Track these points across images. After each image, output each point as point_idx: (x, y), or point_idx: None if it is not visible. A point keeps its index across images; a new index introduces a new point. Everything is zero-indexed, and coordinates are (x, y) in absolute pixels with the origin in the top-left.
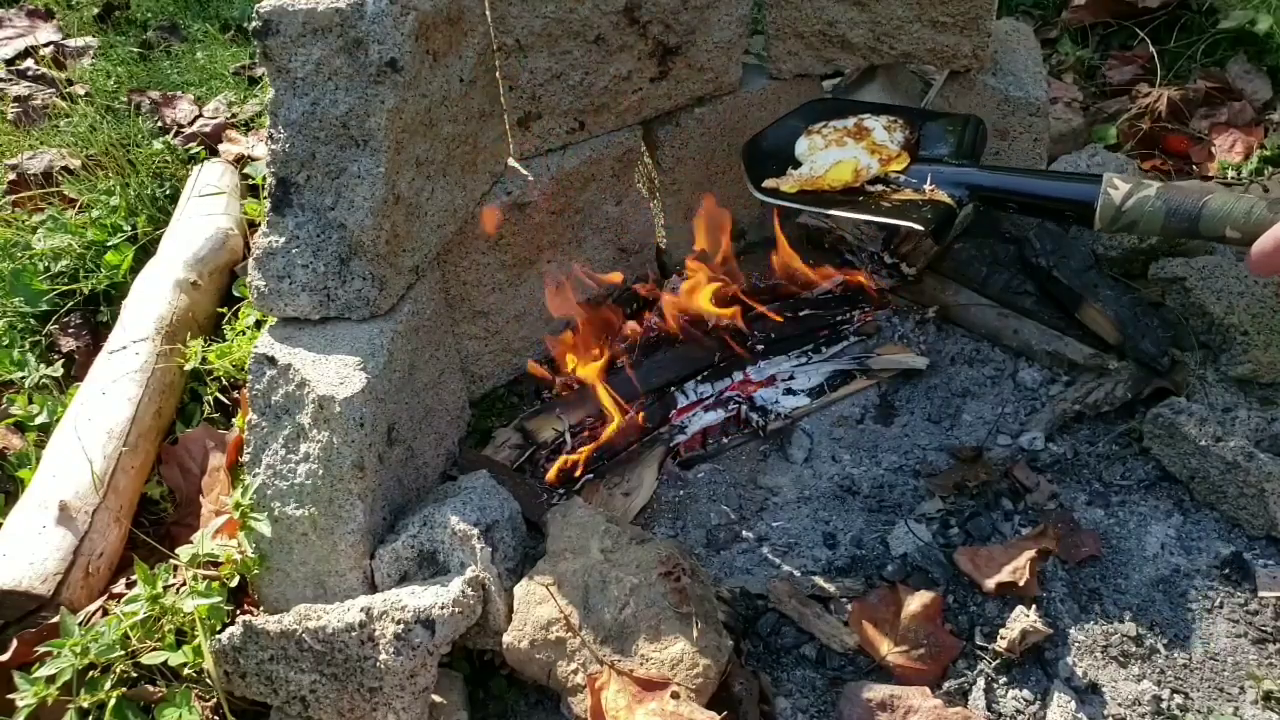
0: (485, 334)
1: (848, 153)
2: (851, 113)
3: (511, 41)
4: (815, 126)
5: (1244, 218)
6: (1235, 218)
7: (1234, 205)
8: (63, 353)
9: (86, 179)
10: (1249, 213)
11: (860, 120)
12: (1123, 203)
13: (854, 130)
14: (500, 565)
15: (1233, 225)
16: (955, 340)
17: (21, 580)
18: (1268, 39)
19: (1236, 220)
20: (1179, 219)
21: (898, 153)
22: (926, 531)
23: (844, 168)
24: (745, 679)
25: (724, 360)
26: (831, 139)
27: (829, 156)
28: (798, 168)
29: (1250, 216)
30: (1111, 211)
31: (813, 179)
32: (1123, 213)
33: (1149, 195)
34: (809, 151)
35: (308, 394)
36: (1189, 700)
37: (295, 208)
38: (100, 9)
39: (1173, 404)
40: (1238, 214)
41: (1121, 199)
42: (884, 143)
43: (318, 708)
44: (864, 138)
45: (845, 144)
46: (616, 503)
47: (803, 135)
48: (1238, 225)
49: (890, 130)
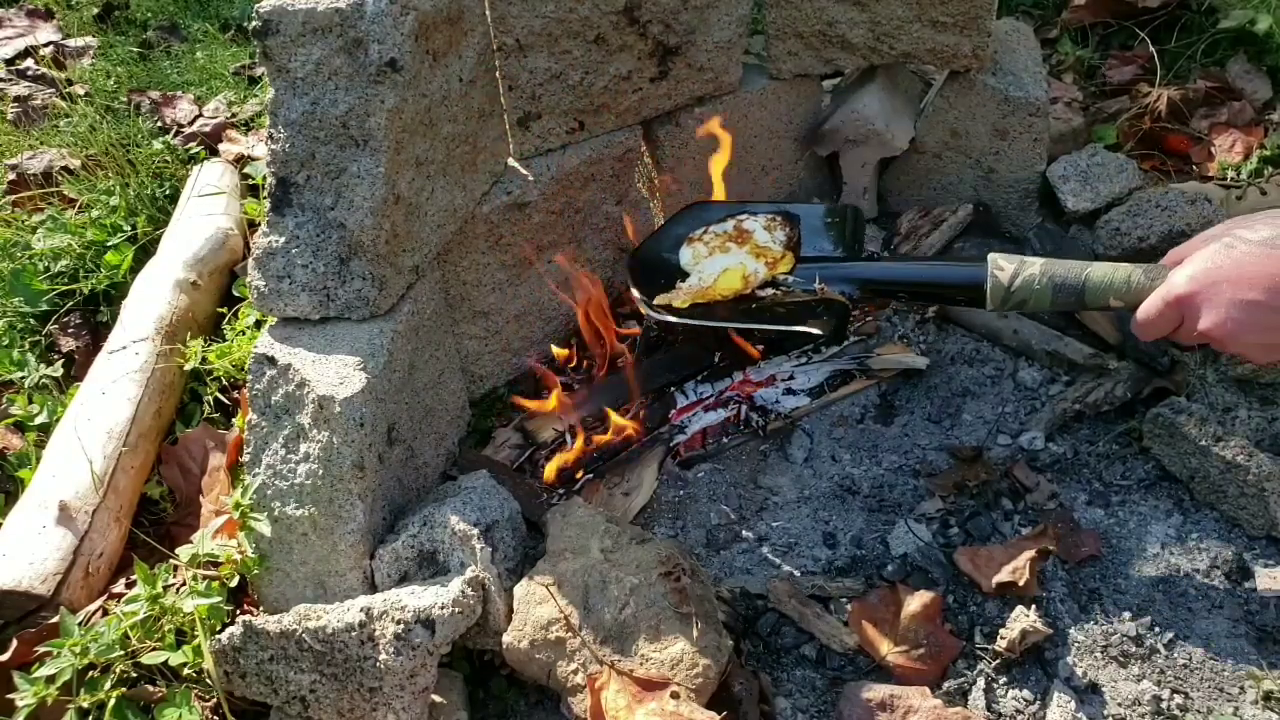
0: (485, 334)
1: (733, 259)
2: (727, 214)
3: (511, 41)
4: (695, 234)
5: (1124, 286)
6: (1116, 288)
7: (1113, 275)
8: (63, 353)
9: (86, 179)
10: (1127, 281)
11: (739, 222)
12: (1010, 283)
13: (735, 234)
14: (500, 565)
15: (1115, 295)
16: (955, 340)
17: (21, 580)
18: (1268, 39)
19: (1118, 290)
20: (1065, 294)
21: (782, 253)
22: (926, 531)
23: (732, 275)
24: (745, 679)
25: (724, 360)
26: (714, 245)
27: (715, 265)
28: (684, 279)
29: (1130, 285)
30: (1001, 292)
31: (703, 290)
32: (1012, 293)
33: (1034, 274)
34: (693, 261)
35: (308, 394)
36: (1189, 700)
37: (295, 208)
38: (100, 9)
39: (1173, 404)
40: (1118, 284)
41: (1009, 279)
42: (767, 244)
43: (318, 708)
44: (746, 241)
45: (729, 249)
46: (616, 503)
47: (685, 245)
48: (1120, 295)
49: (770, 230)
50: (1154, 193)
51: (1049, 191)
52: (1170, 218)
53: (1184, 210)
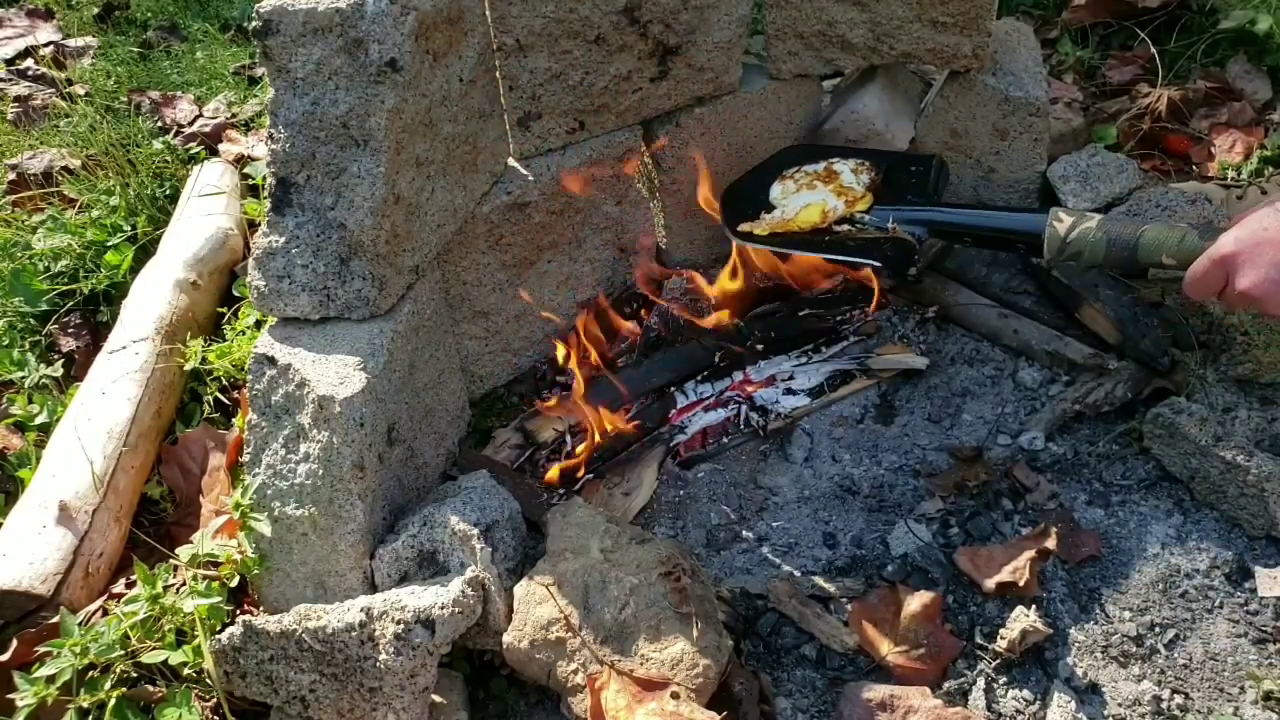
0: (485, 334)
1: (816, 196)
2: (823, 157)
3: (511, 41)
4: (789, 172)
5: (1177, 246)
6: (1169, 246)
7: (1168, 234)
8: (63, 353)
9: (86, 179)
10: (1181, 241)
11: (830, 164)
12: (1067, 234)
13: (824, 174)
14: (500, 565)
15: (1167, 253)
16: (955, 340)
17: (21, 580)
18: (1268, 39)
19: (1170, 248)
20: (1119, 248)
21: (863, 194)
22: (926, 531)
23: (812, 210)
24: (745, 679)
25: (724, 360)
26: (803, 183)
27: (799, 200)
28: (771, 211)
29: (1182, 245)
30: (1058, 242)
31: (784, 222)
32: (1068, 243)
33: (1091, 227)
34: (782, 196)
35: (308, 394)
36: (1189, 700)
37: (295, 208)
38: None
39: (1173, 404)
40: (1171, 242)
41: (1066, 230)
42: (851, 185)
43: (318, 708)
44: (833, 181)
45: (815, 187)
46: (616, 503)
47: (777, 181)
48: (1172, 253)
49: (857, 173)
50: (1154, 193)
51: (1049, 191)
52: (1170, 218)
53: (1184, 210)
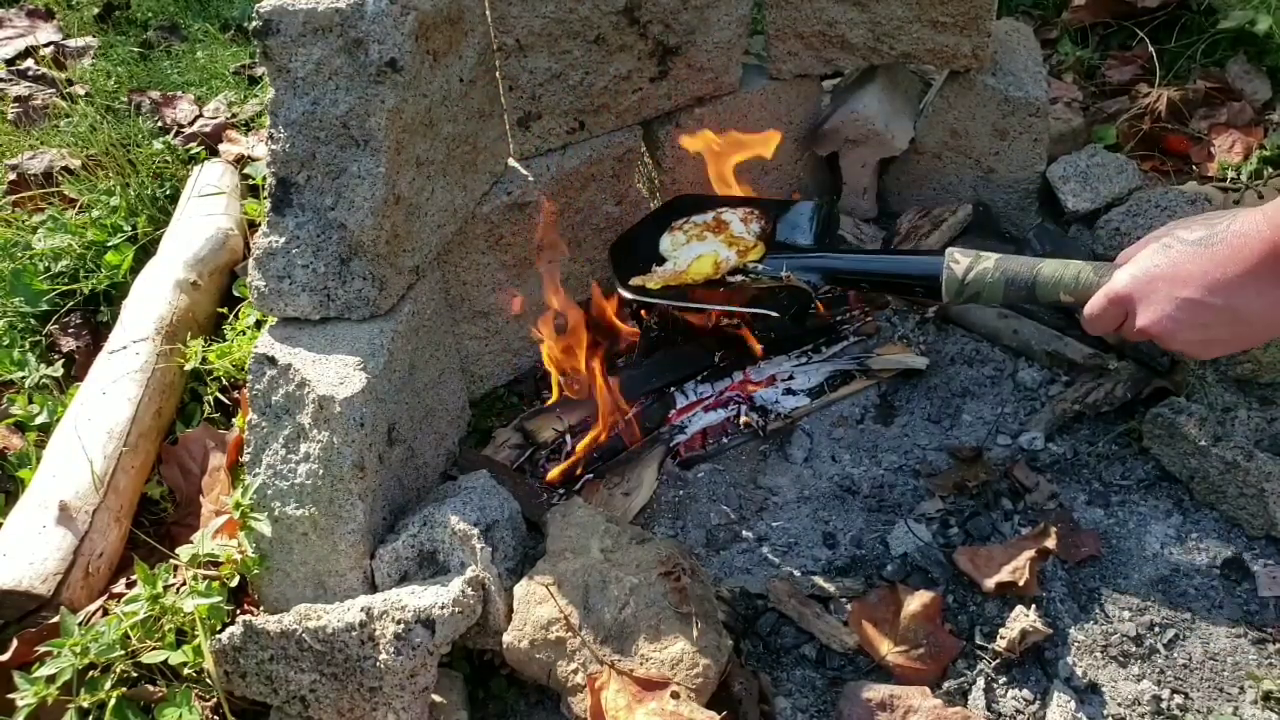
0: (485, 334)
1: (708, 246)
2: (711, 207)
3: (511, 41)
4: (678, 223)
5: (1073, 282)
6: (1066, 284)
7: (1063, 272)
8: (63, 353)
9: (86, 179)
10: (1076, 278)
11: (719, 214)
12: (965, 275)
13: (713, 224)
14: (500, 565)
15: (1064, 290)
16: (955, 340)
17: (21, 580)
18: (1267, 39)
19: (1067, 286)
20: (1016, 287)
21: (754, 243)
22: (926, 531)
23: (704, 261)
24: (745, 679)
25: (724, 360)
26: (692, 234)
27: (690, 251)
28: (663, 264)
29: (1078, 282)
30: (956, 284)
31: (676, 274)
32: (966, 284)
33: (988, 267)
34: (672, 248)
35: (308, 394)
36: (1189, 700)
37: (295, 208)
38: (100, 9)
39: (1173, 404)
40: (1068, 280)
41: (963, 272)
42: (741, 234)
43: (318, 707)
44: (723, 231)
45: (705, 238)
46: (616, 503)
47: (666, 233)
48: (1069, 290)
49: (746, 222)
50: (1154, 193)
51: (1049, 191)
52: (1170, 218)
53: (1184, 210)
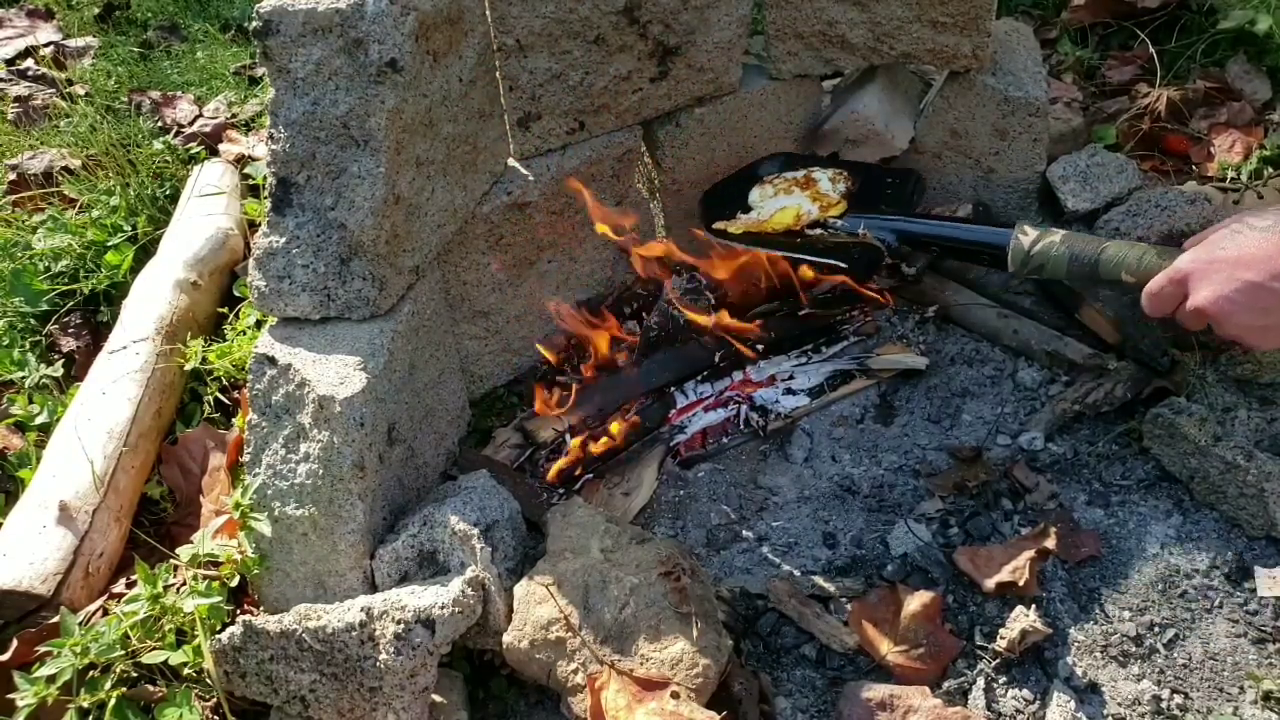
0: (485, 334)
1: (792, 200)
2: (804, 165)
3: (511, 41)
4: (769, 177)
5: (1136, 263)
6: (1129, 264)
7: (1127, 252)
8: (63, 353)
9: (86, 179)
10: (1140, 259)
11: (809, 172)
12: (1031, 247)
13: (802, 181)
14: (500, 565)
15: (1127, 270)
16: (955, 340)
17: (21, 580)
18: (1267, 39)
19: (1130, 266)
20: (1080, 263)
21: (837, 200)
22: (926, 531)
23: (787, 213)
24: (745, 679)
25: (724, 360)
26: (780, 188)
27: (775, 203)
28: (748, 213)
29: (1141, 263)
30: (1021, 255)
31: (758, 223)
32: (1031, 256)
33: (1054, 241)
34: (759, 199)
35: (308, 394)
36: (1189, 700)
37: (295, 208)
38: (100, 9)
39: (1173, 404)
40: (1130, 260)
41: (1030, 244)
42: (827, 192)
43: (318, 707)
44: (810, 187)
45: (792, 193)
46: (616, 503)
47: (757, 185)
48: (1131, 270)
49: (834, 181)
50: (1153, 193)
51: (1049, 191)
52: (1170, 218)
53: (1183, 210)
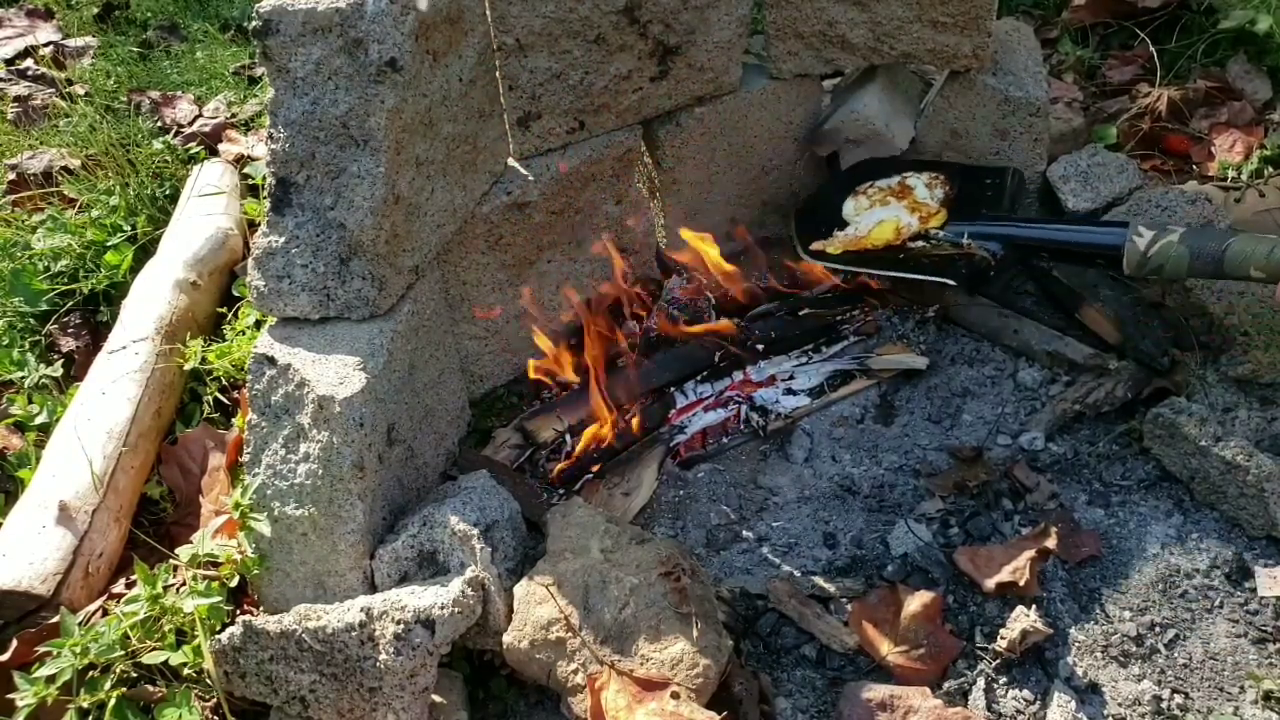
0: (485, 334)
1: (890, 212)
2: (897, 171)
3: (511, 41)
4: (862, 187)
5: (1265, 259)
6: (1258, 258)
7: (1255, 247)
8: (63, 353)
9: (86, 179)
10: (1271, 253)
11: (904, 178)
12: (1148, 249)
13: (897, 189)
14: (500, 565)
15: (1256, 266)
16: (955, 340)
17: (21, 580)
18: (1268, 39)
19: (1259, 261)
20: (1203, 261)
21: (937, 209)
22: (926, 531)
23: (886, 227)
24: (745, 679)
25: (724, 360)
26: (876, 199)
27: (872, 217)
28: (844, 228)
29: (1272, 257)
30: (1138, 257)
31: (857, 239)
32: (1148, 258)
33: (1173, 240)
34: (855, 212)
35: (308, 394)
36: (1189, 700)
37: (295, 208)
38: (100, 9)
39: (1173, 404)
40: (1259, 255)
41: (1147, 245)
42: (925, 200)
43: (317, 708)
44: (906, 196)
45: (889, 203)
46: (616, 503)
47: (850, 197)
48: (1261, 266)
49: (931, 187)
50: (1154, 192)
51: (1049, 191)
52: (1170, 218)
53: (1184, 210)
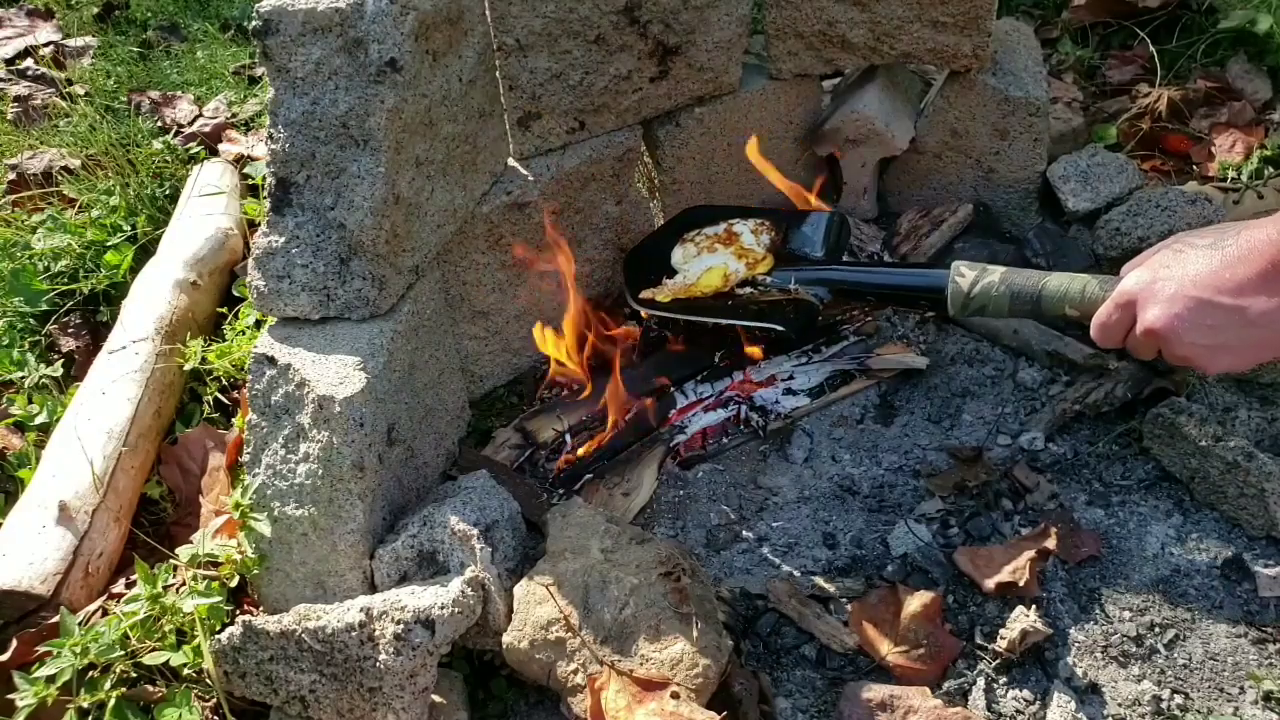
0: (485, 334)
1: (717, 259)
2: (724, 218)
3: (511, 41)
4: (689, 235)
5: (1079, 296)
6: (1072, 298)
7: (1069, 285)
8: (63, 353)
9: (86, 179)
10: (1082, 292)
11: (730, 225)
12: (970, 289)
13: (724, 236)
14: (500, 565)
15: (1070, 304)
16: (955, 340)
17: (21, 580)
18: (1268, 39)
19: (1073, 300)
20: (1022, 301)
21: (763, 255)
22: (926, 531)
23: (714, 274)
24: (745, 679)
25: (724, 360)
26: (703, 246)
27: (700, 264)
28: (673, 276)
29: (1084, 296)
30: (961, 298)
31: (686, 287)
32: (971, 298)
33: (994, 281)
34: (683, 260)
35: (307, 394)
36: (1189, 700)
37: (295, 207)
38: (100, 9)
39: (1173, 404)
40: (1073, 294)
41: (969, 285)
42: (751, 246)
43: (317, 708)
44: (733, 243)
45: (716, 250)
46: (616, 503)
47: (678, 245)
48: (1075, 304)
49: (757, 234)
50: (1154, 193)
51: (1049, 191)
52: (1170, 218)
53: (1184, 210)
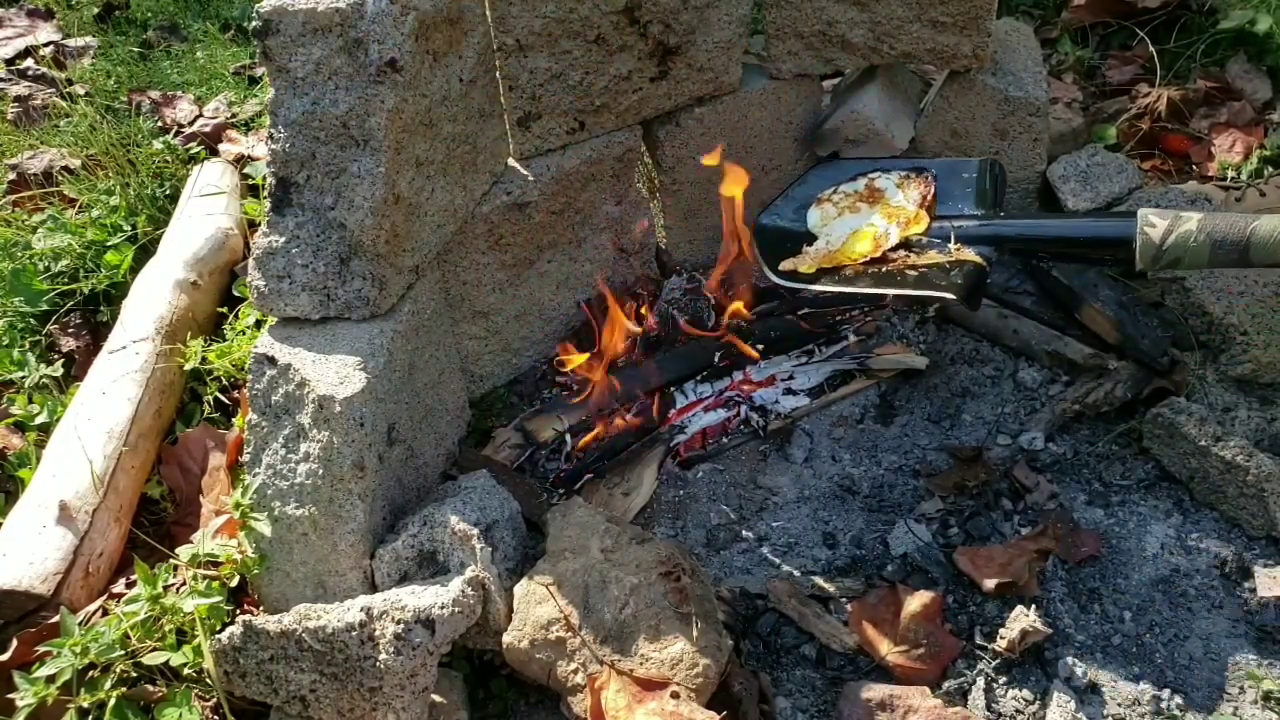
0: (485, 334)
1: (862, 219)
2: (859, 171)
3: (511, 41)
4: (824, 194)
5: None
6: None
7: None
8: (63, 353)
9: (86, 179)
10: None
11: (871, 180)
12: (1163, 240)
13: (865, 194)
14: (500, 565)
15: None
16: (955, 340)
17: (21, 580)
18: (1268, 39)
19: None
20: (1226, 250)
21: (915, 213)
22: (926, 531)
23: (862, 237)
24: (745, 679)
25: (724, 360)
26: (843, 206)
27: (844, 226)
28: (812, 241)
29: None
30: (1152, 250)
31: (830, 254)
32: (1164, 250)
33: (1190, 230)
34: (821, 223)
35: (308, 394)
36: (1189, 700)
37: (295, 207)
38: (100, 9)
39: (1173, 404)
40: None
41: (1161, 236)
42: (900, 203)
43: (318, 707)
44: (878, 200)
45: (859, 210)
46: (616, 503)
47: (813, 206)
48: None
49: (904, 188)
50: (1154, 192)
51: (1049, 191)
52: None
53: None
